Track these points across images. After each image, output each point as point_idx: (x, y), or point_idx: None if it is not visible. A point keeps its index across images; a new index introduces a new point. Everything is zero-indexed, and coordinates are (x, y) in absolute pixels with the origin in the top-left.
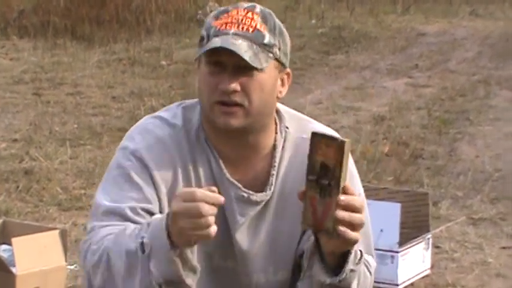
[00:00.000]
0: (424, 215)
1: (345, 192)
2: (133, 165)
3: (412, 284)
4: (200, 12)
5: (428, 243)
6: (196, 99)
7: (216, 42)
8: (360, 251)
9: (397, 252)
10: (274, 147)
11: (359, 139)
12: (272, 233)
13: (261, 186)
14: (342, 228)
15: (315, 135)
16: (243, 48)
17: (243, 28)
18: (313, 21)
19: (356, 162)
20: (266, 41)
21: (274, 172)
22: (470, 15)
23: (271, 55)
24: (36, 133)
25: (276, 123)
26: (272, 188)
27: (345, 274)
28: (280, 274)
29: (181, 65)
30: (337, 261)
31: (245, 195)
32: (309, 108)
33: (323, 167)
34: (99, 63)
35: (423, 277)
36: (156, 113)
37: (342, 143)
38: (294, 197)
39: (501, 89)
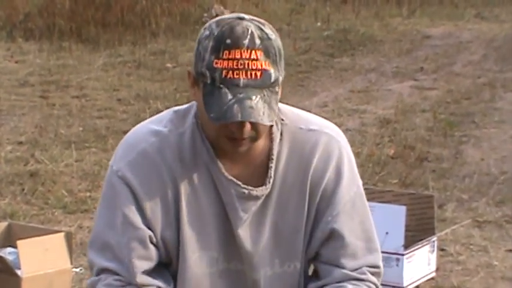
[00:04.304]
0: (429, 218)
1: None
2: (120, 191)
3: (417, 287)
4: (206, 15)
5: (433, 246)
6: (189, 104)
7: (235, 111)
8: None
9: (403, 255)
10: (271, 140)
11: (364, 142)
12: (275, 226)
13: (260, 180)
14: None
15: None
16: (261, 110)
17: (251, 75)
18: (319, 24)
19: (361, 165)
20: (273, 79)
21: (273, 165)
22: (475, 18)
23: (277, 89)
24: (42, 136)
25: None
26: (271, 181)
27: None
28: (286, 265)
29: (187, 68)
30: None
31: (245, 191)
32: (315, 111)
33: None
34: (104, 66)
35: (428, 280)
36: (144, 122)
37: None
38: (296, 187)
39: (506, 92)
